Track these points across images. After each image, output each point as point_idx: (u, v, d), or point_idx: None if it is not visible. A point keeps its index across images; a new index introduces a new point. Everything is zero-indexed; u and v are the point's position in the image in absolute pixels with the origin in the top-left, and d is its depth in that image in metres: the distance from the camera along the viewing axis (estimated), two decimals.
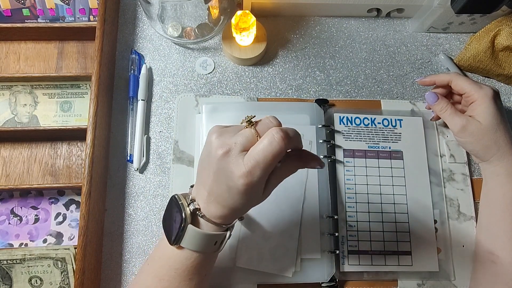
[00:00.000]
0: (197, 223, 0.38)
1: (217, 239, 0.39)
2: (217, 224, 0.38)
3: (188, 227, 0.37)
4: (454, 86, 0.52)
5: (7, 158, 0.57)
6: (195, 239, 0.37)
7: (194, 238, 0.37)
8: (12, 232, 0.54)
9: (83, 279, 0.46)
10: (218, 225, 0.38)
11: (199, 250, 0.38)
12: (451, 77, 0.52)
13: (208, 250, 0.39)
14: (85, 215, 0.48)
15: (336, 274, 0.51)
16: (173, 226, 0.38)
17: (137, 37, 0.62)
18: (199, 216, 0.38)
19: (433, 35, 0.65)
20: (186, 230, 0.37)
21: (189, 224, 0.37)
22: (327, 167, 0.55)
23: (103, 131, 0.54)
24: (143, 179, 0.56)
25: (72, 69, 0.61)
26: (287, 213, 0.52)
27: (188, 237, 0.37)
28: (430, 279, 0.52)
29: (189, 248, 0.38)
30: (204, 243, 0.38)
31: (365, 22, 0.65)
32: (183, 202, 0.38)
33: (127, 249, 0.53)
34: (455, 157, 0.57)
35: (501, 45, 0.57)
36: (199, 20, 0.61)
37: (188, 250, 0.38)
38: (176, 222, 0.38)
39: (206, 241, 0.38)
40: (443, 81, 0.53)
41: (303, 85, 0.61)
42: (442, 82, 0.54)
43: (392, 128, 0.57)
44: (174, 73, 0.60)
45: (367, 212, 0.54)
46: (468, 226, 0.55)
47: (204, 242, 0.38)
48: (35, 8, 0.61)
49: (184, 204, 0.38)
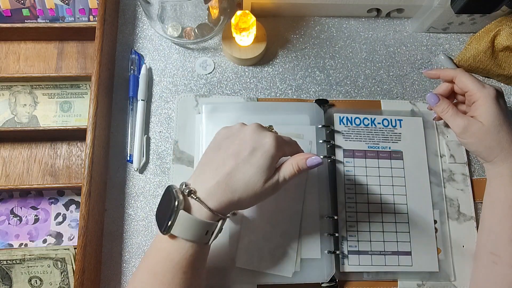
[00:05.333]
0: (190, 209, 0.39)
1: (209, 229, 0.39)
2: (212, 210, 0.38)
3: (180, 212, 0.38)
4: (458, 82, 0.52)
5: (7, 158, 0.57)
6: (186, 226, 0.38)
7: (185, 225, 0.38)
8: (12, 232, 0.54)
9: (83, 279, 0.46)
10: (212, 211, 0.38)
11: (190, 238, 0.38)
12: (456, 73, 0.52)
13: (199, 240, 0.39)
14: (85, 215, 0.48)
15: (336, 274, 0.51)
16: (165, 212, 0.39)
17: (137, 37, 0.62)
18: (194, 198, 0.39)
19: (433, 35, 0.65)
20: (178, 216, 0.38)
21: (181, 210, 0.38)
22: (327, 167, 0.55)
23: (103, 131, 0.54)
24: (143, 179, 0.56)
25: (72, 69, 0.61)
26: (287, 213, 0.52)
27: (180, 224, 0.38)
28: (430, 279, 0.52)
29: (181, 236, 0.38)
30: (195, 231, 0.38)
31: (365, 22, 0.65)
32: (177, 190, 0.39)
33: (127, 249, 0.53)
34: (455, 157, 0.57)
35: (501, 45, 0.57)
36: (199, 20, 0.61)
37: (180, 241, 0.39)
38: (168, 209, 0.38)
39: (197, 229, 0.38)
40: (448, 76, 0.53)
41: (303, 85, 0.61)
42: (446, 77, 0.53)
43: (392, 128, 0.57)
44: (174, 73, 0.60)
45: (367, 212, 0.54)
46: (468, 226, 0.55)
47: (196, 230, 0.38)
48: (35, 8, 0.61)
49: (177, 191, 0.39)
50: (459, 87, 0.52)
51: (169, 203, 0.39)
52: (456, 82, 0.52)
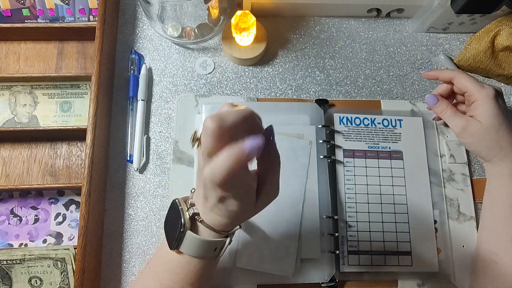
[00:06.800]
0: (196, 229, 0.38)
1: (217, 246, 0.38)
2: (216, 230, 0.37)
3: (187, 233, 0.37)
4: (456, 83, 0.52)
5: (7, 158, 0.57)
6: (194, 245, 0.37)
7: (193, 244, 0.37)
8: (12, 232, 0.54)
9: (83, 279, 0.46)
10: (217, 231, 0.37)
11: (198, 256, 0.38)
12: (454, 74, 0.52)
13: (208, 256, 0.38)
14: (85, 215, 0.48)
15: (336, 274, 0.51)
16: (172, 231, 0.38)
17: (137, 37, 0.62)
18: (198, 221, 0.37)
19: (433, 35, 0.65)
20: (185, 236, 0.37)
21: (188, 230, 0.37)
22: (327, 167, 0.55)
23: (103, 131, 0.54)
24: (143, 179, 0.56)
25: (72, 69, 0.61)
26: (287, 214, 0.52)
27: (188, 243, 0.37)
28: (430, 280, 0.52)
29: (189, 253, 0.38)
30: (203, 249, 0.37)
31: (365, 22, 0.65)
32: (183, 207, 0.38)
33: (127, 249, 0.53)
34: (455, 157, 0.57)
35: (501, 45, 0.57)
36: (199, 20, 0.61)
37: (189, 256, 0.38)
38: (175, 227, 0.37)
39: (205, 248, 0.37)
40: (446, 77, 0.53)
41: (303, 85, 0.61)
42: (445, 78, 0.53)
43: (392, 128, 0.57)
44: (174, 73, 0.60)
45: (367, 212, 0.54)
46: (468, 226, 0.55)
47: (203, 249, 0.37)
48: (35, 8, 0.61)
49: (184, 209, 0.38)
50: (458, 88, 0.52)
51: (176, 221, 0.38)
52: (455, 83, 0.52)
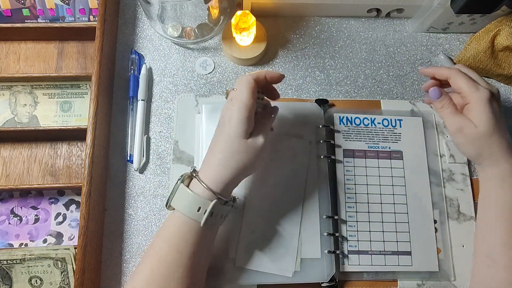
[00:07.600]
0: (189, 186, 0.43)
1: (201, 205, 0.41)
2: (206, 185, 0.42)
3: (180, 186, 0.42)
4: (452, 83, 0.51)
5: (7, 158, 0.57)
6: (181, 198, 0.42)
7: (180, 197, 0.42)
8: (12, 232, 0.54)
9: (83, 279, 0.46)
10: (207, 187, 0.42)
11: (182, 210, 0.42)
12: (451, 74, 0.51)
13: (191, 215, 0.41)
14: (85, 215, 0.48)
15: (336, 274, 0.51)
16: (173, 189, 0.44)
17: (137, 37, 0.62)
18: (194, 176, 0.43)
19: (433, 35, 0.65)
20: (177, 189, 0.42)
21: (181, 183, 0.42)
22: (327, 167, 0.55)
23: (103, 131, 0.54)
24: (143, 179, 0.56)
25: (72, 69, 0.61)
26: (287, 213, 0.52)
27: (177, 196, 0.42)
28: (430, 279, 0.52)
29: (175, 207, 0.42)
30: (187, 203, 0.42)
31: (365, 22, 0.65)
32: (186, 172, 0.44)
33: (127, 249, 0.53)
34: (455, 157, 0.57)
35: (501, 45, 0.57)
36: (199, 20, 0.61)
37: (177, 215, 0.42)
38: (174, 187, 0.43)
39: (189, 202, 0.41)
40: (442, 76, 0.53)
41: (303, 85, 0.61)
42: (441, 76, 0.53)
43: (392, 128, 0.57)
44: (174, 73, 0.60)
45: (367, 212, 0.54)
46: (468, 226, 0.55)
47: (188, 202, 0.41)
48: (35, 8, 0.61)
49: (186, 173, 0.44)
50: (453, 87, 0.52)
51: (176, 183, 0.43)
52: (451, 83, 0.52)
